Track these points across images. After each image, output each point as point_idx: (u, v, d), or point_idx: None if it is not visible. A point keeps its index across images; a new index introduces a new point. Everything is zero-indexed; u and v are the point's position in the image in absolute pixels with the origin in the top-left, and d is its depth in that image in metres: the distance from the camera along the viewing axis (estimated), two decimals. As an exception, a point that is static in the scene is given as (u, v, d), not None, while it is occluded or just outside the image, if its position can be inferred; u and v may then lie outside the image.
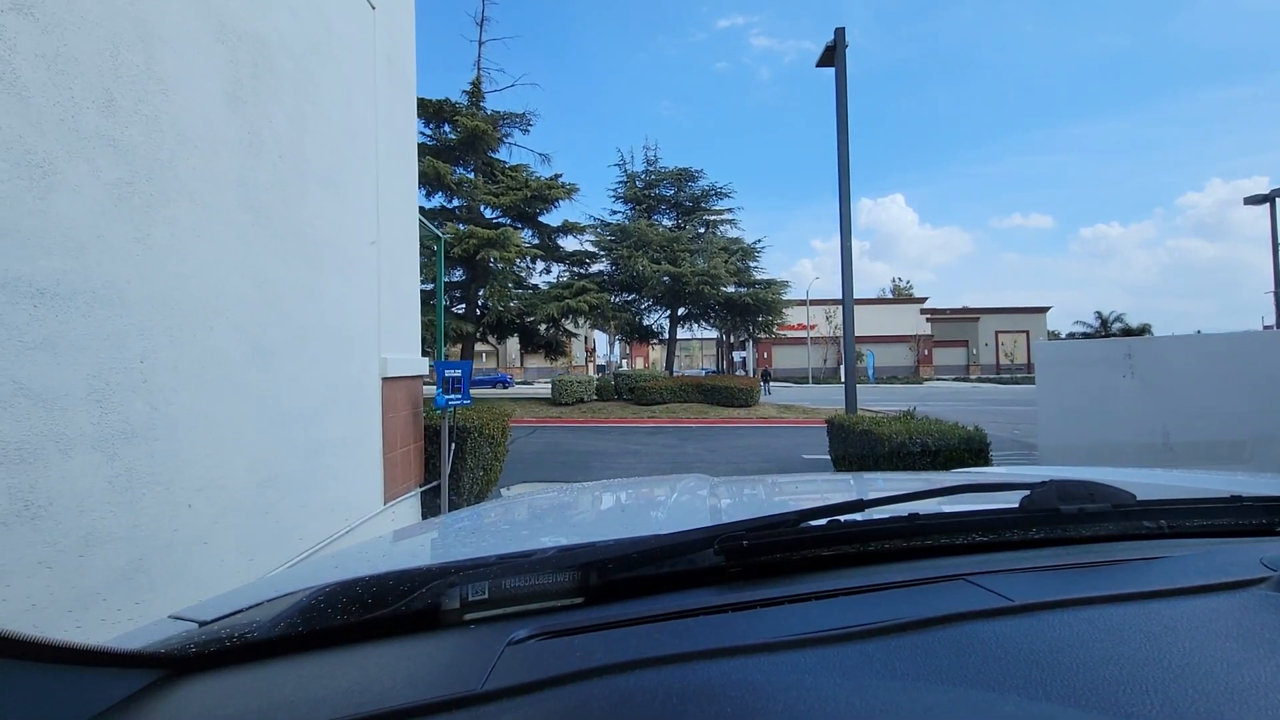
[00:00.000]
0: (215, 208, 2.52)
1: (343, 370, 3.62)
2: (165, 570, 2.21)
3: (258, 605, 0.74)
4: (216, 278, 2.52)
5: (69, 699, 0.52)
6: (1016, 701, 0.46)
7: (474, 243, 16.12)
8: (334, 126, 3.59)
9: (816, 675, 0.50)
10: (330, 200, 3.52)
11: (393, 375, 4.37)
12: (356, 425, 3.82)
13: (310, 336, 3.23)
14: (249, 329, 2.71)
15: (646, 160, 22.75)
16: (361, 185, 3.97)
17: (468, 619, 0.69)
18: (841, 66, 7.73)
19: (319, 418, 3.32)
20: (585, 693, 0.49)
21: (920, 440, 5.37)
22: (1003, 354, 50.40)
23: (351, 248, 3.79)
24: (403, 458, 4.59)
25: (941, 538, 0.85)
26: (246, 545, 2.67)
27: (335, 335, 3.54)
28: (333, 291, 3.52)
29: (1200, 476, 1.46)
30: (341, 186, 3.66)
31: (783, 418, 16.24)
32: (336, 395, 3.53)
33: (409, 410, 4.75)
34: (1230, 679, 0.47)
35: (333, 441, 3.47)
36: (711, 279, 18.65)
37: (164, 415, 2.23)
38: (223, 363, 2.54)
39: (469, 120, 17.93)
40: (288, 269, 3.05)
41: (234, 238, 2.64)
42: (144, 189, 2.16)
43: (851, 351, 7.48)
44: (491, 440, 5.82)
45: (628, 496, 1.61)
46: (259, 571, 2.63)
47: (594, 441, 12.10)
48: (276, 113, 2.98)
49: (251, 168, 2.77)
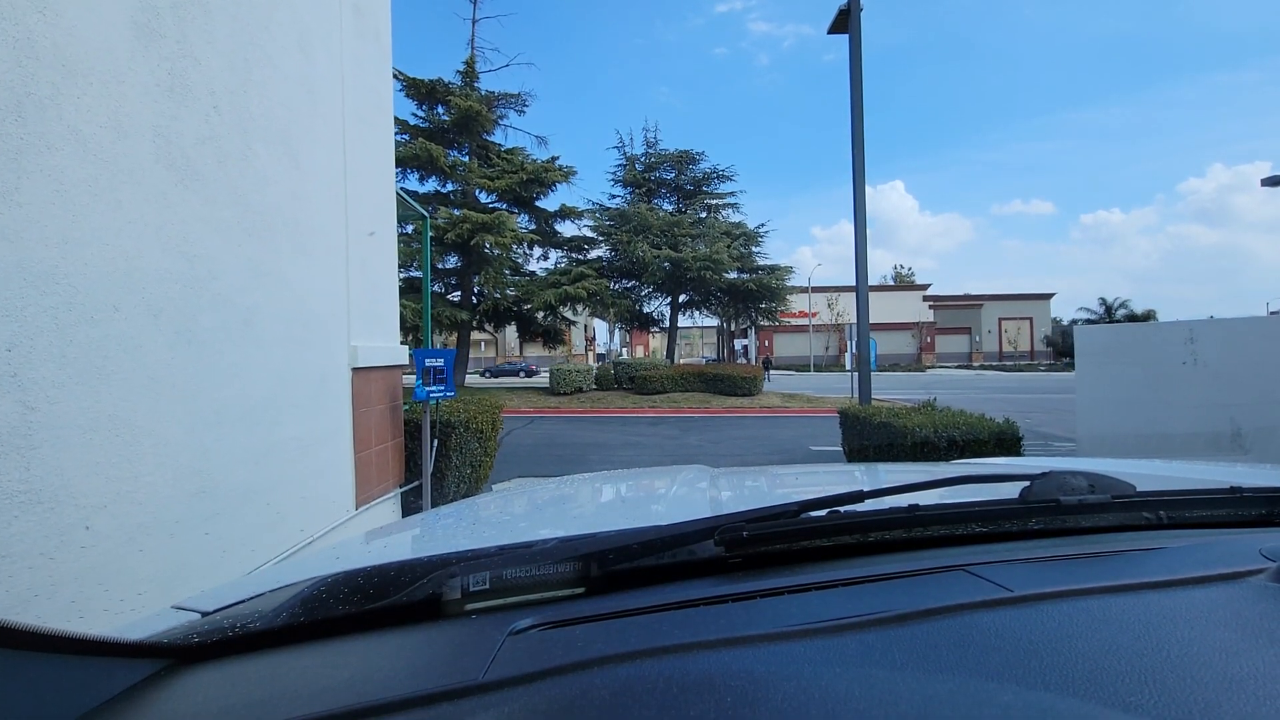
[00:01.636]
0: (120, 161, 2.05)
1: (301, 361, 3.17)
2: (53, 610, 1.77)
3: (260, 595, 0.74)
4: (124, 248, 2.06)
5: (72, 689, 0.52)
6: (1016, 691, 0.45)
7: (468, 227, 15.58)
8: (287, 79, 3.10)
9: (817, 665, 0.50)
10: (283, 164, 3.05)
11: (365, 365, 3.92)
12: (320, 422, 3.37)
13: (256, 321, 2.77)
14: (171, 312, 2.26)
15: (646, 143, 22.17)
16: (324, 149, 3.50)
17: (469, 609, 0.68)
18: (856, 32, 7.20)
19: (270, 415, 2.87)
20: (586, 683, 0.49)
21: (947, 434, 4.92)
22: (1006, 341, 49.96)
23: (312, 220, 3.32)
24: (379, 456, 4.15)
25: (942, 528, 0.85)
26: (175, 568, 2.24)
27: (291, 320, 3.08)
28: (288, 270, 3.05)
29: (1199, 468, 1.48)
30: (297, 149, 3.18)
31: (787, 407, 15.82)
32: (293, 389, 3.08)
33: (386, 404, 4.30)
34: (1229, 669, 0.47)
35: (289, 442, 3.03)
36: (713, 264, 18.11)
37: (45, 417, 1.77)
38: (134, 352, 2.08)
39: (462, 100, 17.32)
40: (226, 241, 2.58)
41: (149, 200, 2.17)
42: (10, 130, 1.69)
43: (866, 337, 7.02)
44: (480, 435, 5.38)
45: (628, 488, 1.58)
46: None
47: (593, 433, 11.67)
48: (208, 54, 2.50)
49: (173, 116, 2.30)
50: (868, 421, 5.89)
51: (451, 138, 18.52)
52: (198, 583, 2.32)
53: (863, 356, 7.03)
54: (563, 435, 11.34)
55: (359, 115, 3.97)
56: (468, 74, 18.66)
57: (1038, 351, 49.13)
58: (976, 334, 50.44)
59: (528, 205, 19.46)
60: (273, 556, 2.80)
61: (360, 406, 3.87)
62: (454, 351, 4.65)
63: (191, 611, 0.75)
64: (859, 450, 6.14)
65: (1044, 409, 14.93)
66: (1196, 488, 0.96)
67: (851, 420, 6.43)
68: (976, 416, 5.29)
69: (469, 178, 17.94)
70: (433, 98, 18.20)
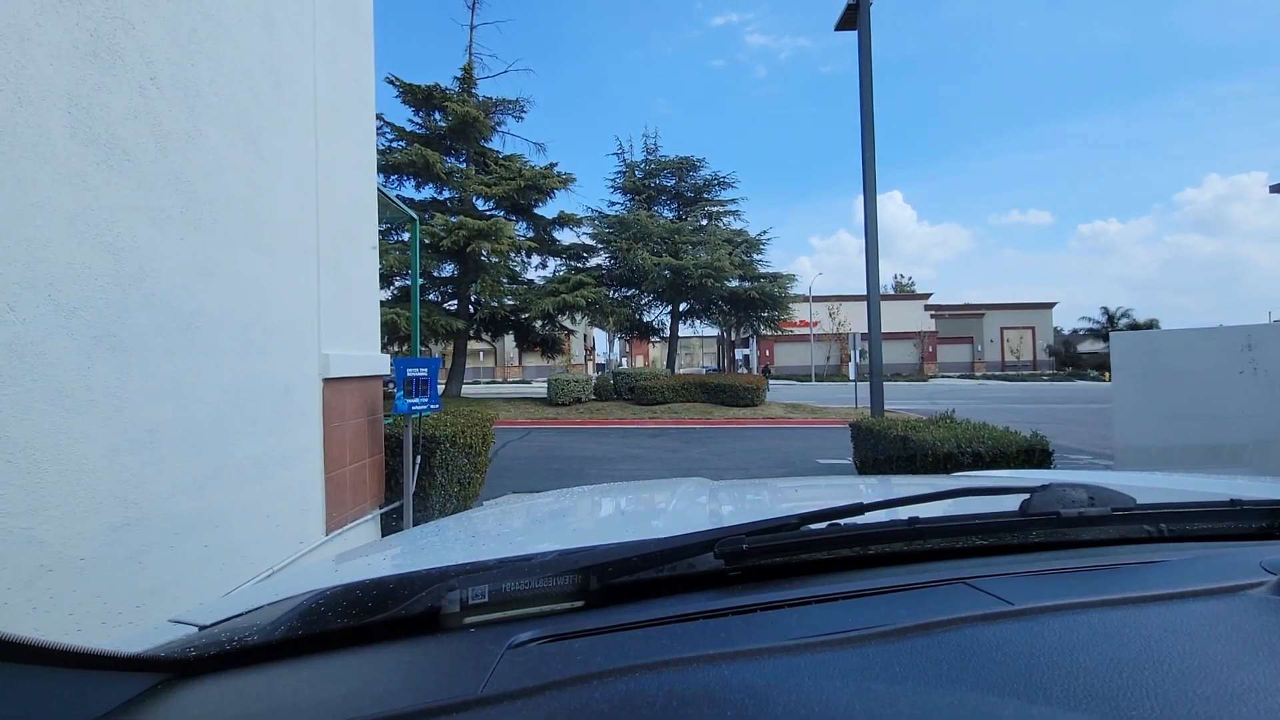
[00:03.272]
0: (20, 132, 1.72)
1: (260, 371, 2.82)
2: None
3: (258, 609, 0.74)
4: (26, 236, 1.72)
5: (69, 702, 0.51)
6: (1017, 705, 0.45)
7: (464, 234, 15.26)
8: (245, 54, 2.78)
9: (817, 679, 0.49)
10: (240, 150, 2.72)
11: (339, 376, 3.57)
12: (284, 439, 3.02)
13: (203, 326, 2.42)
14: (88, 314, 1.91)
15: (646, 149, 21.87)
16: (292, 137, 3.17)
17: (468, 622, 0.68)
18: (865, 26, 6.91)
19: (220, 434, 2.52)
20: (585, 697, 0.49)
21: (971, 448, 4.57)
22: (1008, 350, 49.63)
23: (276, 214, 2.99)
24: (354, 475, 3.80)
25: (942, 541, 0.84)
26: (91, 613, 1.88)
27: (248, 326, 2.73)
28: (244, 269, 2.71)
29: (1200, 480, 1.48)
30: (258, 134, 2.85)
31: (791, 418, 15.44)
32: (249, 403, 2.73)
33: (364, 417, 3.95)
34: (1230, 682, 0.47)
35: (243, 463, 2.67)
36: (715, 272, 17.78)
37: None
38: (34, 360, 1.74)
39: (459, 106, 17.06)
40: (164, 234, 2.24)
41: (60, 180, 1.83)
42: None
43: (878, 347, 6.67)
44: (469, 450, 5.02)
45: (627, 501, 1.57)
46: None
47: (591, 445, 11.29)
48: (145, 19, 2.17)
49: (95, 85, 1.96)
50: (883, 435, 5.53)
51: (449, 144, 18.25)
52: (121, 634, 1.96)
53: (875, 367, 6.68)
54: (560, 448, 10.96)
55: (334, 102, 3.65)
56: (465, 80, 18.42)
57: (1040, 361, 48.82)
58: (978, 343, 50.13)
59: (526, 213, 19.17)
60: (221, 594, 2.44)
61: (333, 421, 3.52)
62: (439, 361, 4.30)
63: (189, 625, 0.75)
64: (873, 465, 5.77)
65: (1053, 420, 14.56)
66: (1196, 500, 0.96)
67: (864, 433, 6.07)
68: (1001, 430, 4.94)
69: (466, 184, 17.66)
70: (429, 104, 17.95)
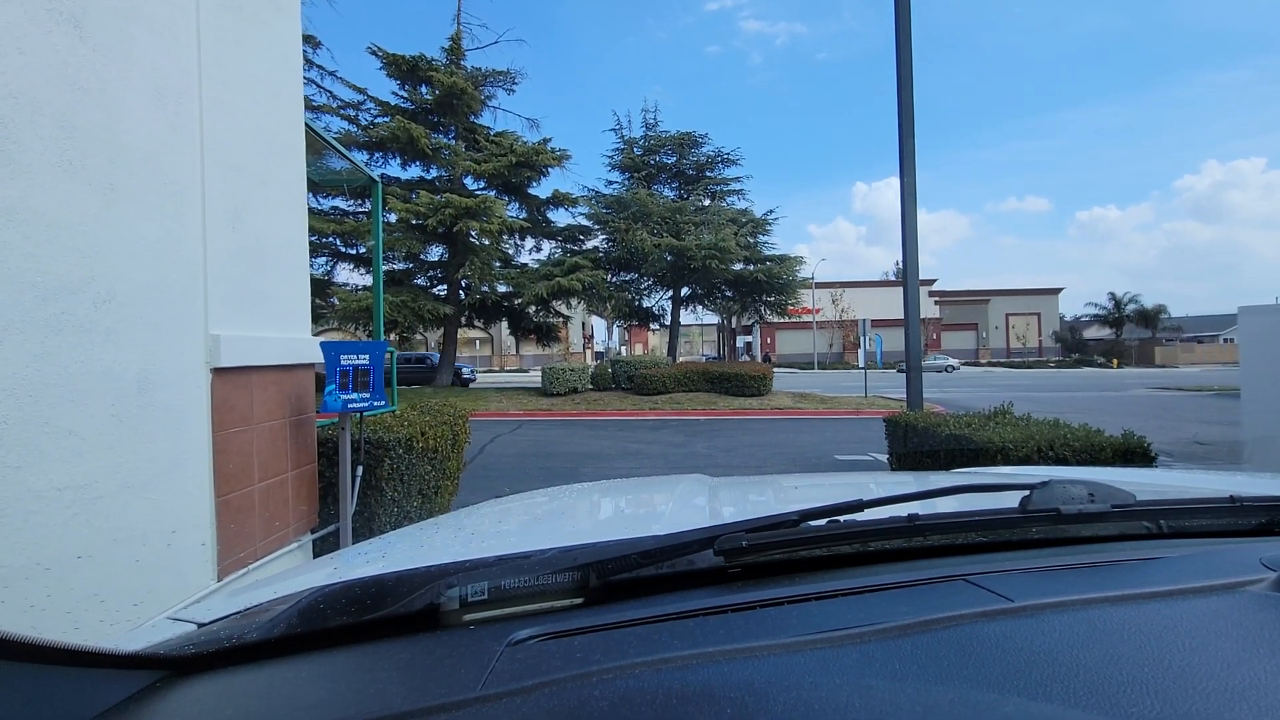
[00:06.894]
0: None
1: (80, 359, 1.91)
2: None
3: (257, 606, 0.73)
4: None
5: (68, 700, 0.51)
6: (1017, 702, 0.45)
7: (450, 213, 14.28)
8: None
9: (817, 676, 0.49)
10: (38, 21, 1.79)
11: (240, 365, 2.66)
12: (134, 455, 2.11)
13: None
14: None
15: (645, 125, 20.75)
16: (150, 27, 2.23)
17: (467, 620, 0.68)
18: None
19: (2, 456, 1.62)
20: (584, 694, 0.49)
21: (1053, 452, 3.68)
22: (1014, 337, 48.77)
23: (116, 133, 2.07)
24: (268, 494, 2.90)
25: (942, 538, 0.84)
26: None
27: (53, 293, 1.82)
28: (46, 207, 1.80)
29: (1200, 477, 1.51)
30: (80, 8, 1.92)
31: (799, 408, 14.57)
32: (61, 408, 1.83)
33: (283, 417, 3.04)
34: (1230, 679, 0.47)
35: (49, 496, 1.78)
36: (720, 253, 16.77)
37: None
38: None
39: (447, 78, 16.00)
40: None
41: None
42: None
43: (916, 334, 5.76)
44: (433, 455, 4.11)
45: (627, 499, 1.56)
46: None
47: (587, 439, 10.40)
48: None
49: None
50: (932, 433, 4.63)
51: (436, 120, 17.21)
52: None
53: (913, 359, 5.76)
54: (552, 443, 10.08)
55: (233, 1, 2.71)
56: (453, 50, 17.33)
57: (1046, 348, 48.00)
58: (983, 330, 49.27)
59: (518, 192, 18.16)
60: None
61: (230, 425, 2.61)
62: (385, 344, 3.39)
63: (187, 622, 0.75)
64: (917, 466, 4.89)
65: (1075, 408, 13.68)
66: (1196, 497, 0.95)
67: (905, 430, 5.17)
68: (1082, 427, 4.05)
69: (455, 161, 16.64)
70: (415, 76, 16.86)
